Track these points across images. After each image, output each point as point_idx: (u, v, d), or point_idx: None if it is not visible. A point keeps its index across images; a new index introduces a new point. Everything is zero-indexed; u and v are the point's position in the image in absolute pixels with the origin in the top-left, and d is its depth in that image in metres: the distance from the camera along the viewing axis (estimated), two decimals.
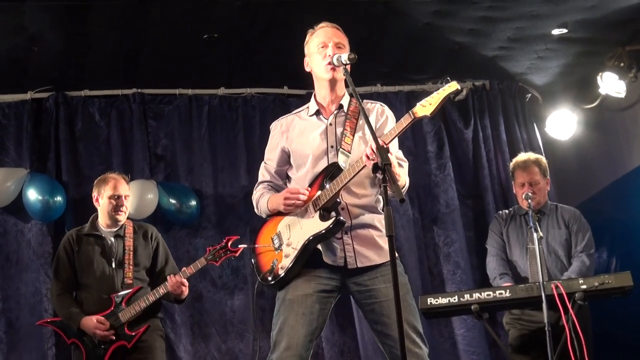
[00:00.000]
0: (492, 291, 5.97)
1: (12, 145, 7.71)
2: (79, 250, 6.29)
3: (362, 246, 4.50)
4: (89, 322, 6.04)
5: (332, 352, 7.84)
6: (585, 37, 7.56)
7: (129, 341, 6.07)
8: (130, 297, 6.14)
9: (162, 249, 6.49)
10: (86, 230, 6.38)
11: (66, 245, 6.34)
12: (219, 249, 6.22)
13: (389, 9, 6.84)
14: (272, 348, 4.43)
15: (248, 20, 6.89)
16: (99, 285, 6.20)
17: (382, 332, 4.45)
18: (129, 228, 6.39)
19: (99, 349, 6.07)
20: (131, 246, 6.30)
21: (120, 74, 7.82)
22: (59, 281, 6.31)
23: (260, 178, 4.87)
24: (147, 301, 6.11)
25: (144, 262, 6.35)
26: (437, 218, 8.37)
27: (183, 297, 6.24)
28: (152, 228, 6.57)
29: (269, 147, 4.86)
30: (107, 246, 6.30)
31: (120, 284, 6.19)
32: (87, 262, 6.25)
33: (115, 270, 6.22)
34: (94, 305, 6.16)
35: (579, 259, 6.54)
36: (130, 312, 6.09)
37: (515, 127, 8.66)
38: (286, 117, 4.87)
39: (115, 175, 6.47)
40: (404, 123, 4.25)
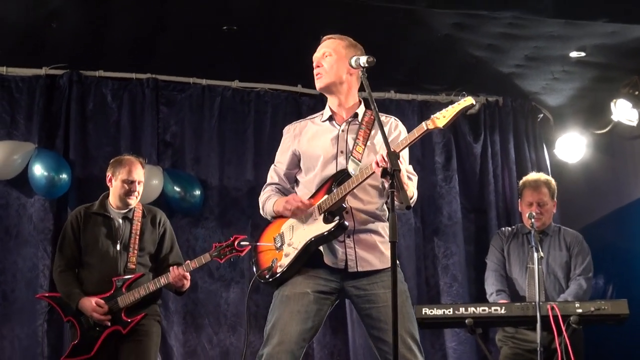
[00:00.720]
0: (488, 307, 5.97)
1: (22, 119, 7.70)
2: (86, 228, 6.26)
3: (364, 250, 4.52)
4: (88, 303, 6.02)
5: (322, 353, 7.86)
6: (602, 62, 7.55)
7: (125, 327, 6.04)
8: (131, 282, 6.11)
9: (169, 236, 6.46)
10: (95, 208, 6.33)
11: (73, 221, 6.30)
12: (225, 246, 6.16)
13: (410, 17, 6.82)
14: (264, 342, 4.43)
15: (268, 15, 6.89)
16: (102, 266, 6.17)
17: (378, 337, 4.47)
18: (138, 211, 6.36)
19: (93, 331, 6.05)
20: (138, 230, 6.27)
21: (137, 58, 7.81)
22: (62, 257, 6.27)
23: (269, 180, 4.91)
24: (147, 289, 6.08)
25: (149, 248, 6.32)
26: (438, 229, 8.37)
27: (184, 289, 6.22)
28: (161, 213, 6.53)
29: (281, 150, 4.89)
30: (114, 227, 6.26)
31: (123, 268, 6.16)
32: (92, 241, 6.22)
33: (119, 252, 6.19)
34: (94, 286, 6.13)
35: (577, 282, 6.55)
36: (129, 298, 6.06)
37: (525, 145, 8.66)
38: (300, 122, 4.92)
39: (133, 158, 6.41)
40: (416, 133, 4.28)
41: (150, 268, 6.32)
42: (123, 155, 6.56)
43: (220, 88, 8.19)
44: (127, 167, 6.30)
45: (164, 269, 6.22)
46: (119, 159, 6.45)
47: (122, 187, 6.26)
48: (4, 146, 7.45)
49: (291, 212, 4.52)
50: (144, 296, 6.09)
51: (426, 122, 4.27)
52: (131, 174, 6.27)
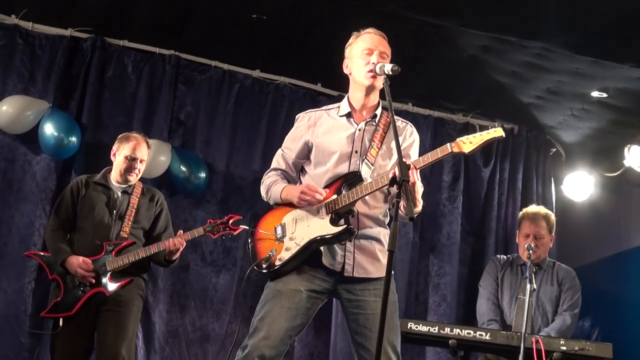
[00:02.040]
0: (473, 330, 5.98)
1: (40, 76, 7.70)
2: (85, 194, 6.34)
3: (363, 257, 4.52)
4: (74, 260, 6.10)
5: (302, 352, 7.89)
6: (622, 106, 7.57)
7: (108, 290, 6.10)
8: (121, 248, 6.19)
9: (164, 216, 6.56)
10: (97, 179, 6.44)
11: (74, 187, 6.40)
12: (219, 223, 6.30)
13: (439, 32, 6.84)
14: (250, 333, 4.43)
15: (299, 10, 6.90)
16: (95, 231, 6.24)
17: (360, 343, 4.47)
18: (137, 188, 6.46)
19: (77, 291, 6.10)
20: (135, 204, 6.36)
21: (163, 33, 7.82)
22: (57, 217, 6.36)
23: (275, 165, 4.85)
24: (136, 256, 6.15)
25: (144, 223, 6.40)
26: (435, 247, 8.38)
27: (174, 258, 6.28)
28: (159, 194, 6.63)
29: (291, 137, 4.83)
30: (112, 198, 6.35)
31: (115, 235, 6.25)
32: (89, 206, 6.31)
33: (114, 221, 6.28)
34: (85, 249, 6.20)
35: (561, 317, 6.60)
36: (117, 263, 6.13)
37: (533, 177, 8.67)
38: (315, 112, 4.85)
39: (139, 137, 6.49)
40: (439, 153, 4.29)
41: (142, 243, 6.37)
42: (131, 132, 6.63)
43: (240, 75, 8.20)
44: (131, 143, 6.40)
45: None
46: (126, 135, 6.53)
47: (124, 162, 6.37)
48: (18, 101, 7.45)
49: (306, 202, 4.47)
50: (133, 262, 6.15)
51: (451, 144, 4.28)
52: (134, 152, 6.37)
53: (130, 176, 6.38)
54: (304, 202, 4.48)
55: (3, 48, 7.64)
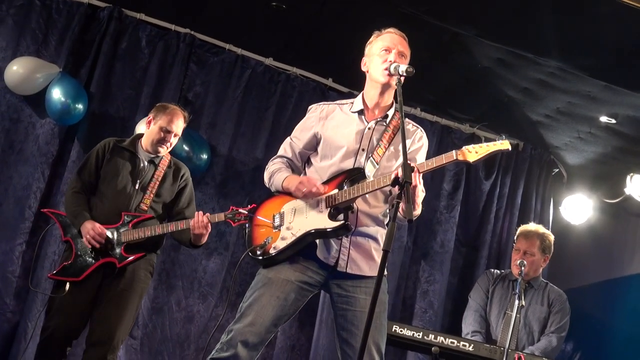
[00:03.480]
0: (457, 340, 6.01)
1: (54, 40, 7.71)
2: (111, 158, 6.20)
3: (358, 254, 4.54)
4: (88, 224, 5.95)
5: (284, 343, 7.88)
6: (629, 134, 7.57)
7: (120, 262, 5.99)
8: (139, 221, 6.07)
9: (189, 191, 6.43)
10: (125, 143, 6.29)
11: (99, 150, 6.24)
12: (241, 211, 6.00)
13: (455, 40, 6.85)
14: (236, 318, 4.46)
15: (320, 3, 6.90)
16: (115, 199, 6.11)
17: (345, 339, 4.49)
18: (165, 160, 6.32)
19: (89, 257, 5.99)
20: (160, 176, 6.23)
21: (180, 10, 7.83)
22: (79, 180, 6.20)
23: (281, 152, 4.89)
24: (153, 231, 6.03)
25: (165, 196, 6.27)
26: (427, 254, 8.38)
27: (202, 241, 6.13)
28: (185, 169, 6.48)
29: (302, 127, 4.87)
30: (138, 166, 6.21)
31: (135, 206, 6.12)
32: (113, 172, 6.17)
33: (136, 191, 6.15)
34: (103, 216, 6.07)
35: (548, 338, 6.61)
36: (133, 235, 6.01)
37: (533, 195, 8.68)
38: (328, 105, 4.88)
39: (179, 110, 6.36)
40: (444, 160, 4.29)
41: (161, 217, 6.26)
42: (169, 103, 6.52)
43: (253, 61, 8.20)
44: (170, 115, 6.26)
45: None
46: (165, 105, 6.42)
47: (158, 132, 6.22)
48: (29, 62, 7.46)
49: (303, 193, 4.50)
50: (149, 237, 6.04)
51: (457, 151, 4.29)
52: (171, 124, 6.23)
53: (161, 148, 6.23)
54: (300, 193, 4.51)
55: (20, 8, 7.65)
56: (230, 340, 4.39)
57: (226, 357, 4.37)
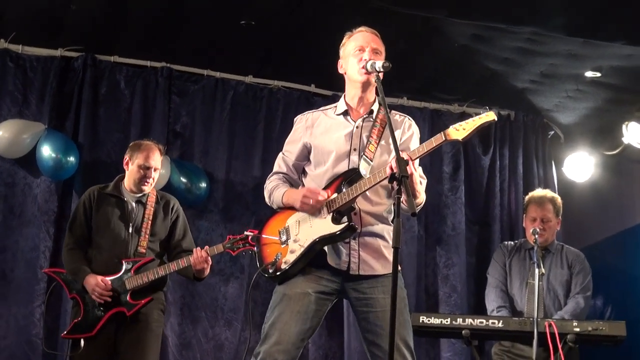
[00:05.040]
0: (485, 319, 5.98)
1: (34, 99, 7.72)
2: (98, 208, 6.22)
3: (368, 254, 4.52)
4: (91, 280, 5.98)
5: (317, 354, 7.89)
6: (617, 84, 7.57)
7: (129, 310, 6.00)
8: (140, 266, 6.08)
9: (182, 222, 6.44)
10: (109, 189, 6.31)
11: (86, 201, 6.27)
12: (239, 239, 6.07)
13: (429, 26, 6.86)
14: (262, 340, 4.43)
15: (287, 13, 6.90)
16: (112, 248, 6.14)
17: (372, 341, 4.47)
18: (152, 197, 6.33)
19: (98, 310, 6.01)
20: (151, 215, 6.24)
21: (152, 45, 7.84)
22: (72, 235, 6.24)
23: (276, 168, 4.87)
24: (156, 274, 6.06)
25: (160, 234, 6.29)
26: (441, 239, 8.38)
27: (204, 275, 6.16)
28: (174, 200, 6.50)
29: (291, 140, 4.86)
30: (127, 210, 6.24)
31: (133, 251, 6.14)
32: (104, 221, 6.19)
33: (131, 235, 6.17)
34: (103, 266, 6.10)
35: (574, 300, 6.58)
36: (137, 281, 6.03)
37: (534, 161, 8.68)
38: (312, 113, 4.88)
39: (152, 144, 6.37)
40: (434, 142, 4.28)
41: (160, 255, 6.29)
42: (143, 140, 6.53)
43: (233, 82, 8.22)
44: (145, 152, 6.26)
45: (176, 255, 6.23)
46: (139, 143, 6.43)
47: (137, 172, 6.23)
48: (14, 125, 7.47)
49: (310, 206, 4.48)
50: (152, 281, 6.06)
51: (445, 132, 4.28)
52: (148, 160, 6.24)
53: (144, 186, 6.25)
54: (307, 206, 4.50)
55: None
56: None
57: None
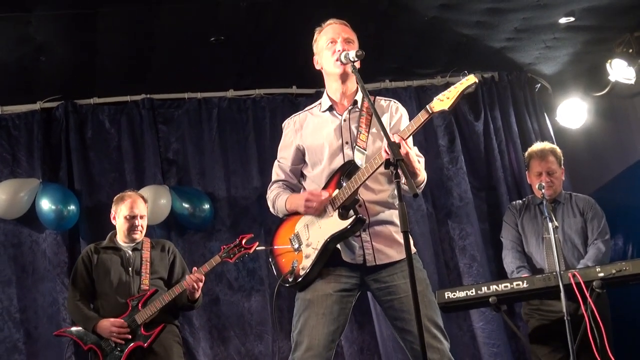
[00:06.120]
0: (510, 283, 5.96)
1: (23, 156, 7.75)
2: (98, 261, 6.41)
3: (381, 243, 4.51)
4: (105, 323, 6.14)
5: (351, 349, 7.87)
6: (592, 24, 7.55)
7: (145, 341, 6.14)
8: (146, 299, 6.23)
9: (179, 262, 6.60)
10: (104, 244, 6.52)
11: (84, 257, 6.47)
12: (233, 246, 6.30)
13: (394, 4, 6.85)
14: (293, 348, 4.44)
15: (254, 21, 6.91)
16: (116, 292, 6.30)
17: (402, 328, 4.47)
18: (146, 243, 6.53)
19: (116, 351, 6.14)
20: (148, 257, 6.42)
21: (129, 80, 7.85)
22: (75, 289, 6.39)
23: (275, 177, 4.87)
24: (162, 301, 6.18)
25: (161, 272, 6.45)
26: (451, 212, 8.36)
27: (196, 296, 6.29)
28: (168, 243, 6.72)
29: (283, 145, 4.86)
30: (124, 257, 6.42)
31: (137, 290, 6.28)
32: (104, 271, 6.37)
33: (132, 277, 6.33)
34: (111, 311, 6.25)
35: (595, 246, 6.54)
36: (146, 313, 6.17)
37: (526, 117, 8.65)
38: (299, 115, 4.88)
39: (134, 194, 6.58)
40: (421, 118, 4.24)
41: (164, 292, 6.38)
42: (124, 192, 6.69)
43: (215, 99, 8.22)
44: (127, 202, 6.48)
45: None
46: (121, 195, 6.61)
47: (125, 222, 6.44)
48: (9, 185, 7.49)
49: (314, 208, 4.48)
50: (160, 308, 6.18)
51: (429, 105, 4.25)
52: (132, 209, 6.45)
53: (135, 234, 6.46)
54: (311, 209, 4.50)
55: None
56: None
57: None
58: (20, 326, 7.43)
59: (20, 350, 7.38)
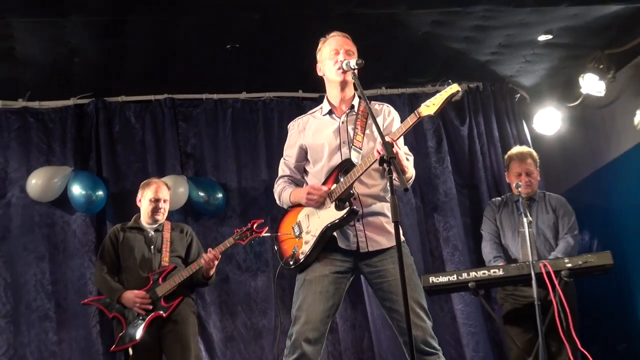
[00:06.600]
0: (487, 270, 5.98)
1: (57, 146, 7.74)
2: (123, 239, 6.43)
3: (373, 232, 4.55)
4: (129, 295, 6.17)
5: (345, 326, 7.87)
6: (568, 42, 7.52)
7: (165, 312, 6.16)
8: (166, 274, 6.25)
9: (195, 244, 6.61)
10: (130, 224, 6.55)
11: (112, 235, 6.50)
12: (245, 230, 6.29)
13: (392, 20, 6.84)
14: (292, 322, 4.48)
15: (266, 31, 6.89)
16: (139, 267, 6.32)
17: (390, 307, 4.50)
18: (167, 225, 6.55)
19: (137, 320, 6.15)
20: (169, 238, 6.45)
21: (153, 81, 7.83)
22: (103, 263, 6.42)
23: (281, 173, 4.92)
24: (181, 277, 6.20)
25: (179, 252, 6.46)
26: (437, 206, 8.34)
27: (211, 274, 6.31)
28: (187, 226, 6.73)
29: (288, 145, 4.90)
30: (147, 237, 6.44)
31: (157, 265, 6.31)
32: (129, 248, 6.39)
33: (153, 254, 6.35)
34: (134, 284, 6.27)
35: (565, 240, 6.56)
36: (166, 287, 6.19)
37: (506, 124, 8.60)
38: (302, 118, 4.92)
39: (158, 180, 6.65)
40: (410, 122, 4.31)
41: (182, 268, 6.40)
42: (150, 178, 6.77)
43: (230, 100, 8.19)
44: (153, 187, 6.52)
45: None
46: (147, 181, 6.66)
47: (149, 205, 6.47)
48: (44, 172, 7.48)
49: (315, 201, 4.53)
50: (179, 283, 6.20)
51: (418, 110, 4.31)
52: (157, 194, 6.49)
53: (157, 216, 6.48)
54: (312, 201, 4.55)
55: (19, 130, 7.70)
56: (294, 342, 4.41)
57: (296, 358, 4.39)
58: (51, 297, 7.42)
59: (51, 318, 7.38)
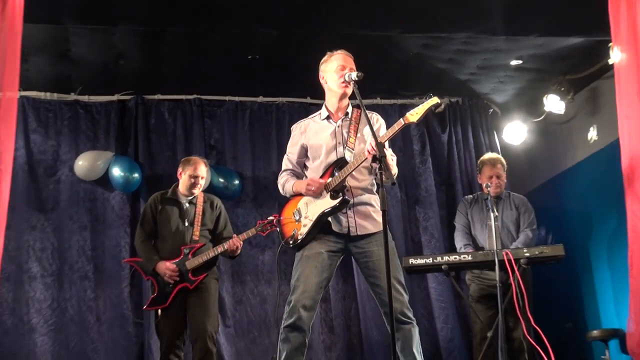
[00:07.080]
0: (458, 255, 5.96)
1: (102, 134, 7.73)
2: (161, 208, 6.30)
3: (361, 219, 4.58)
4: (163, 265, 6.10)
5: (337, 296, 7.88)
6: (535, 67, 7.51)
7: (191, 284, 6.09)
8: (195, 250, 6.16)
9: (223, 216, 6.48)
10: (168, 194, 6.38)
11: (152, 203, 6.37)
12: (266, 223, 6.21)
13: (388, 41, 6.84)
14: (291, 291, 4.53)
15: (282, 46, 6.89)
16: (173, 238, 6.22)
17: (374, 283, 4.53)
18: (200, 198, 6.39)
19: (167, 287, 6.10)
20: (201, 211, 6.31)
21: (185, 83, 7.83)
22: (143, 230, 6.33)
23: (284, 167, 4.95)
24: (207, 256, 6.13)
25: (209, 224, 6.34)
26: (418, 200, 8.31)
27: (236, 254, 6.27)
28: (217, 199, 6.55)
29: (291, 143, 4.94)
30: (182, 209, 6.30)
31: (189, 239, 6.21)
32: (165, 218, 6.27)
33: (187, 227, 6.24)
34: (167, 253, 6.19)
35: (524, 233, 6.57)
36: (194, 262, 6.11)
37: (480, 134, 8.57)
38: (304, 121, 4.97)
39: (199, 159, 6.44)
40: (396, 127, 4.35)
41: (210, 241, 6.34)
42: (192, 156, 6.61)
43: (249, 103, 8.17)
44: (193, 165, 6.33)
45: (220, 241, 6.28)
46: (188, 158, 6.48)
47: (188, 180, 6.29)
48: (90, 155, 7.49)
49: (313, 191, 4.55)
50: (206, 261, 6.14)
51: (403, 118, 4.34)
52: (196, 171, 6.31)
53: (194, 190, 6.32)
54: (310, 191, 4.59)
55: (70, 119, 7.69)
56: (292, 308, 4.45)
57: (293, 321, 4.43)
58: (91, 261, 7.44)
59: (90, 278, 7.39)
